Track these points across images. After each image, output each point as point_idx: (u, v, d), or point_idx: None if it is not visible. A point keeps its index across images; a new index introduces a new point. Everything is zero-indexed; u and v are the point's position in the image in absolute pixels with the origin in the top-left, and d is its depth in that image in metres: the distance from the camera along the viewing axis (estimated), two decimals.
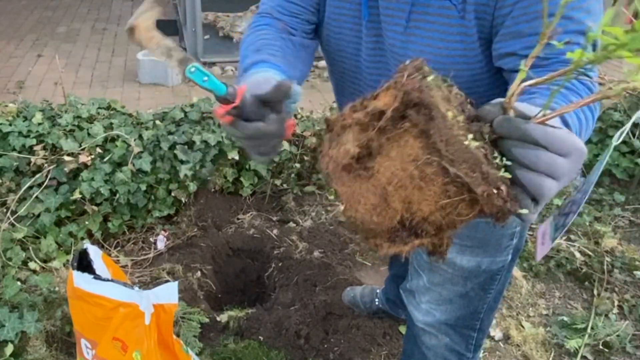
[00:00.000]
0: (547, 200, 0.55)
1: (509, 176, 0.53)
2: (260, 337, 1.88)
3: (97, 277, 1.24)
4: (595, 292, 2.18)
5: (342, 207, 0.60)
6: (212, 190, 2.50)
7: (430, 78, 0.54)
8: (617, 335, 1.94)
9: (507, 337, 1.98)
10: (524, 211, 0.54)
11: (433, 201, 0.54)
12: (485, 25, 0.82)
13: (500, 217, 0.53)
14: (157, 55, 0.62)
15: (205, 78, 0.68)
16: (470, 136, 0.53)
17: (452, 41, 0.85)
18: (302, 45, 1.01)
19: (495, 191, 0.51)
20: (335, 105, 2.78)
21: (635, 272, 2.23)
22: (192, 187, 2.33)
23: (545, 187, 0.53)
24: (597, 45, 0.81)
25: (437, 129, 0.52)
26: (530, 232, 2.36)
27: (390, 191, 0.56)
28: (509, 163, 0.54)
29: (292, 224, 2.49)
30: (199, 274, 2.15)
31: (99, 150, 2.20)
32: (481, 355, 1.83)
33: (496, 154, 0.54)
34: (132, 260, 2.21)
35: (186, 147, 2.31)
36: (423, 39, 0.87)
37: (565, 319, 2.05)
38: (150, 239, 2.34)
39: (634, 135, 2.78)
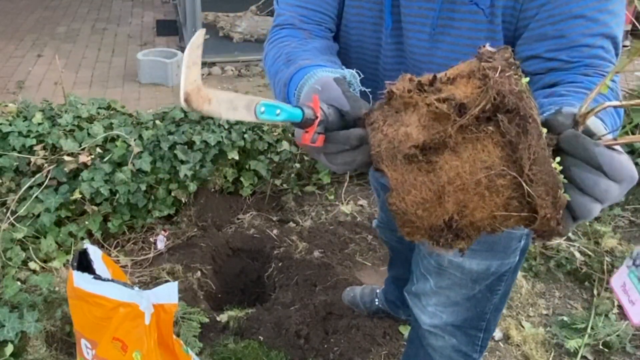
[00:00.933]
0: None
1: (568, 198, 0.51)
2: (260, 337, 1.88)
3: (97, 277, 1.24)
4: (595, 292, 2.18)
5: (389, 193, 0.56)
6: (212, 190, 2.50)
7: (524, 81, 0.50)
8: (617, 335, 1.94)
9: (507, 337, 1.98)
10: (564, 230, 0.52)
11: (489, 210, 0.51)
12: (510, 28, 0.82)
13: (547, 236, 0.51)
14: (224, 112, 0.56)
15: (278, 111, 0.61)
16: (557, 159, 0.50)
17: (478, 47, 0.84)
18: (329, 47, 0.97)
19: (556, 216, 0.49)
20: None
21: None
22: (192, 187, 2.33)
23: (593, 212, 0.52)
24: (619, 46, 0.81)
25: (528, 147, 0.48)
26: None
27: (448, 191, 0.52)
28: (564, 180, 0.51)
29: (292, 224, 2.49)
30: (199, 274, 2.15)
31: (99, 150, 2.20)
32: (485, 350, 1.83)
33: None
34: (132, 260, 2.21)
35: (186, 147, 2.31)
36: (449, 45, 0.86)
37: (565, 319, 2.05)
38: (150, 239, 2.34)
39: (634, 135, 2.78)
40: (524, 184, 0.49)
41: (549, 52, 0.79)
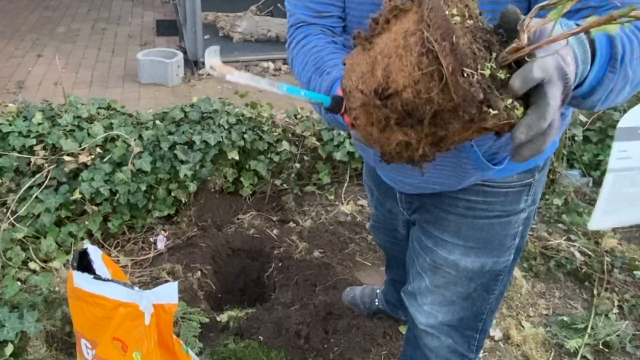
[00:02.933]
0: (551, 109, 0.54)
1: (490, 68, 0.52)
2: (260, 337, 1.88)
3: (97, 277, 1.24)
4: (595, 292, 2.18)
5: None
6: (212, 190, 2.50)
7: None
8: (617, 335, 1.94)
9: (507, 337, 1.98)
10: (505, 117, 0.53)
11: (408, 73, 0.54)
12: (522, 7, 0.78)
13: (466, 107, 0.51)
14: (248, 79, 0.66)
15: (303, 92, 0.69)
16: (454, 10, 0.53)
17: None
18: (344, 46, 0.98)
19: (460, 69, 0.50)
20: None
21: (635, 272, 2.23)
22: (192, 187, 2.33)
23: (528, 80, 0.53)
24: None
25: (429, 8, 0.53)
26: (531, 233, 2.37)
27: (378, 59, 0.58)
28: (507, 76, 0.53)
29: (292, 224, 2.49)
30: (199, 274, 2.15)
31: (99, 150, 2.20)
32: (481, 355, 1.83)
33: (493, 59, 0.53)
34: (132, 260, 2.21)
35: (186, 147, 2.31)
36: None
37: (565, 319, 2.05)
38: (150, 239, 2.34)
39: None
40: (424, 31, 0.52)
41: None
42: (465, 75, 0.50)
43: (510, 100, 0.53)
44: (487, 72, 0.52)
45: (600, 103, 0.68)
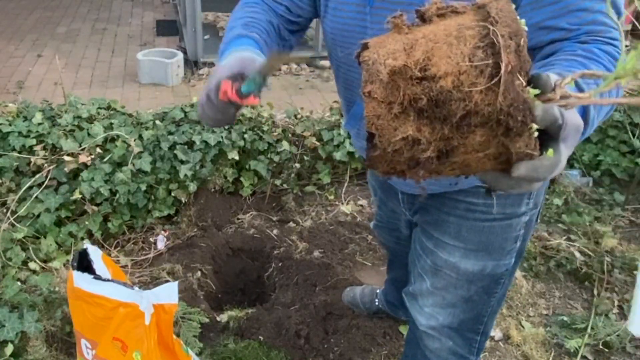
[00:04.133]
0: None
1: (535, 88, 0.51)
2: (260, 337, 1.88)
3: (97, 277, 1.24)
4: (595, 292, 2.18)
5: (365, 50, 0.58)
6: (212, 190, 2.50)
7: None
8: (617, 335, 1.94)
9: (507, 337, 1.98)
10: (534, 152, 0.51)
11: (455, 62, 0.50)
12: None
13: (512, 111, 0.48)
14: None
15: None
16: (523, 21, 0.51)
17: None
18: (280, 37, 1.05)
19: (520, 72, 0.48)
20: (335, 105, 2.78)
21: (635, 272, 2.23)
22: (192, 187, 2.33)
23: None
24: (620, 9, 0.79)
25: (498, 8, 0.50)
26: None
27: (419, 41, 0.52)
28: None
29: (292, 224, 2.49)
30: (199, 274, 2.15)
31: (99, 150, 2.20)
32: (481, 355, 1.83)
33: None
34: (132, 260, 2.21)
35: (186, 147, 2.31)
36: None
37: (565, 319, 2.05)
38: (150, 239, 2.34)
39: (634, 135, 2.78)
40: (490, 25, 0.49)
41: (547, 20, 0.77)
42: (522, 82, 0.48)
43: (536, 133, 0.50)
44: (535, 91, 0.50)
45: None
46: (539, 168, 0.52)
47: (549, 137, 0.53)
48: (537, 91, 0.50)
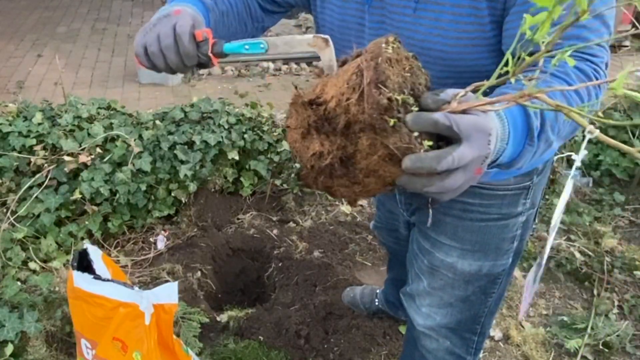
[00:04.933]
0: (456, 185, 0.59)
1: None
2: (260, 337, 1.88)
3: (97, 277, 1.24)
4: (595, 292, 2.18)
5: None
6: (212, 190, 2.50)
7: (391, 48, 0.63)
8: (617, 335, 1.94)
9: (507, 337, 1.98)
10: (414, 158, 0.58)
11: (338, 87, 0.62)
12: (497, 7, 0.81)
13: (371, 112, 0.58)
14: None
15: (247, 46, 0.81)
16: (390, 49, 0.62)
17: (462, 22, 0.83)
18: (251, 17, 1.07)
19: (377, 82, 0.58)
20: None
21: (635, 272, 2.23)
22: (192, 187, 2.33)
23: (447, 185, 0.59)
24: (608, 24, 0.79)
25: (371, 46, 0.63)
26: (531, 233, 2.36)
27: (321, 81, 0.66)
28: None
29: (292, 224, 2.49)
30: (199, 274, 2.15)
31: (99, 150, 2.20)
32: (481, 355, 1.83)
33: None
34: (132, 260, 2.21)
35: (186, 147, 2.31)
36: (432, 21, 0.86)
37: (565, 319, 2.05)
38: (150, 239, 2.34)
39: (634, 135, 2.78)
40: (362, 57, 0.62)
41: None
42: (380, 89, 0.58)
43: (417, 133, 0.58)
44: (400, 98, 0.58)
45: (525, 166, 0.72)
46: (424, 158, 0.57)
47: (452, 138, 0.59)
48: (401, 97, 0.59)
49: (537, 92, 0.55)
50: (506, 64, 0.58)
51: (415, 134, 0.58)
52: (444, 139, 0.59)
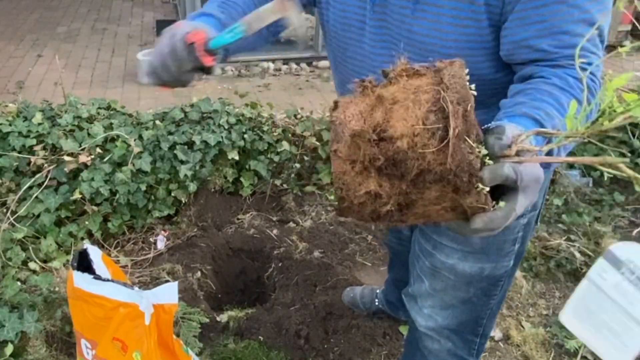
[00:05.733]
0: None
1: (485, 152, 0.56)
2: (260, 337, 1.88)
3: (97, 277, 1.24)
4: None
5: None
6: (212, 190, 2.50)
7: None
8: None
9: (507, 337, 1.98)
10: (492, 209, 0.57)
11: (410, 124, 0.54)
12: (495, 12, 0.81)
13: (459, 172, 0.53)
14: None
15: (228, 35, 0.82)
16: (472, 86, 0.56)
17: (460, 25, 0.83)
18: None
19: (466, 135, 0.53)
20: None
21: None
22: (192, 187, 2.33)
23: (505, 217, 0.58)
24: (604, 35, 0.80)
25: (450, 74, 0.56)
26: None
27: (381, 103, 0.58)
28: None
29: (292, 224, 2.49)
30: (199, 274, 2.15)
31: (99, 150, 2.20)
32: (481, 356, 1.83)
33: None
34: (132, 260, 2.21)
35: (186, 147, 2.31)
36: (431, 22, 0.85)
37: None
38: (150, 239, 2.34)
39: (634, 135, 2.78)
40: (441, 89, 0.54)
41: (531, 39, 0.78)
42: (467, 141, 0.52)
43: (486, 190, 0.55)
44: (484, 152, 0.55)
45: None
46: (495, 220, 0.57)
47: (507, 189, 0.58)
48: (485, 152, 0.55)
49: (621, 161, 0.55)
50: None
51: (485, 190, 0.55)
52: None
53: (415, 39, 0.88)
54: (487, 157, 0.56)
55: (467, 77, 0.57)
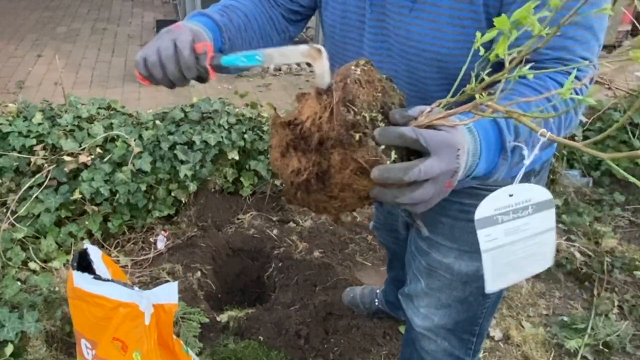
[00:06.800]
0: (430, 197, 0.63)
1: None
2: (260, 337, 1.88)
3: (97, 277, 1.24)
4: (595, 292, 2.18)
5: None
6: (212, 190, 2.50)
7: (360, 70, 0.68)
8: (617, 335, 1.94)
9: (507, 337, 1.98)
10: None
11: (312, 108, 0.66)
12: (493, 13, 0.81)
13: (339, 129, 0.61)
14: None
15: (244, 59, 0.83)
16: (358, 70, 0.66)
17: (459, 25, 0.83)
18: (276, 29, 1.08)
19: (345, 101, 0.62)
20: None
21: (635, 272, 2.23)
22: (192, 187, 2.33)
23: (416, 195, 0.61)
24: (598, 37, 0.79)
25: (344, 67, 0.68)
26: None
27: (298, 103, 0.71)
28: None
29: (292, 224, 2.49)
30: (199, 274, 2.15)
31: (99, 150, 2.20)
32: (481, 355, 1.83)
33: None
34: (132, 260, 2.21)
35: (186, 147, 2.31)
36: (430, 22, 0.85)
37: (565, 319, 2.05)
38: (150, 239, 2.34)
39: (634, 135, 2.78)
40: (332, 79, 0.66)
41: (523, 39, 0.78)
42: (348, 107, 0.62)
43: (383, 147, 0.62)
44: (367, 115, 0.63)
45: (504, 174, 0.74)
46: (391, 169, 0.60)
47: (423, 153, 0.62)
48: (369, 114, 0.63)
49: (487, 101, 0.59)
50: (467, 83, 0.62)
51: (382, 147, 0.62)
52: (415, 154, 0.63)
53: (413, 38, 0.88)
54: (383, 122, 0.64)
55: (363, 66, 0.67)
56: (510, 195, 0.69)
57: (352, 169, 0.63)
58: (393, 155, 0.62)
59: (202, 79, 0.87)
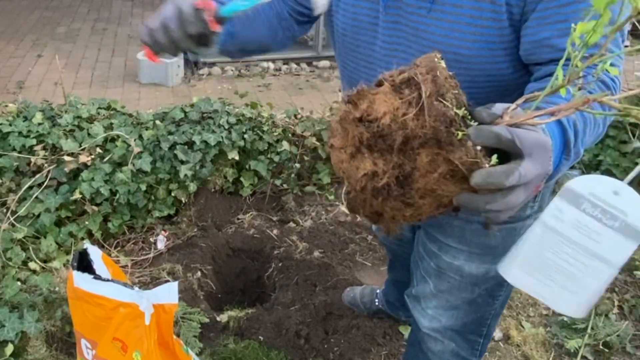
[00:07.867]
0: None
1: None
2: (260, 337, 1.88)
3: (97, 277, 1.24)
4: None
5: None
6: (212, 190, 2.50)
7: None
8: (617, 335, 1.94)
9: (507, 337, 1.98)
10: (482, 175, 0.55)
11: (390, 102, 0.58)
12: (516, 11, 0.80)
13: (437, 125, 0.55)
14: None
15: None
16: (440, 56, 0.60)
17: (480, 26, 0.81)
18: (281, 27, 1.07)
19: (438, 94, 0.55)
20: (335, 105, 2.78)
21: (635, 272, 2.23)
22: (192, 187, 2.33)
23: (505, 180, 0.55)
24: (623, 34, 0.79)
25: (421, 59, 0.61)
26: None
27: (367, 98, 0.62)
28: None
29: (292, 224, 2.49)
30: (199, 274, 2.15)
31: (99, 150, 2.20)
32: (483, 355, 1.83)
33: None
34: (132, 260, 2.21)
35: (186, 147, 2.31)
36: (450, 23, 0.84)
37: (565, 319, 2.05)
38: (150, 239, 2.34)
39: (634, 135, 2.78)
40: (414, 69, 0.59)
41: (552, 38, 0.77)
42: (441, 101, 0.55)
43: (480, 147, 0.56)
44: (460, 112, 0.56)
45: (553, 180, 0.70)
46: (493, 174, 0.54)
47: (512, 154, 0.56)
48: (461, 111, 0.57)
49: (602, 97, 0.53)
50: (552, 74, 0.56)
51: (479, 148, 0.55)
52: (501, 156, 0.57)
53: (431, 39, 0.86)
54: (472, 121, 0.57)
55: (441, 59, 0.61)
56: (615, 193, 0.58)
57: (441, 171, 0.57)
58: (494, 158, 0.56)
59: (205, 37, 0.85)
